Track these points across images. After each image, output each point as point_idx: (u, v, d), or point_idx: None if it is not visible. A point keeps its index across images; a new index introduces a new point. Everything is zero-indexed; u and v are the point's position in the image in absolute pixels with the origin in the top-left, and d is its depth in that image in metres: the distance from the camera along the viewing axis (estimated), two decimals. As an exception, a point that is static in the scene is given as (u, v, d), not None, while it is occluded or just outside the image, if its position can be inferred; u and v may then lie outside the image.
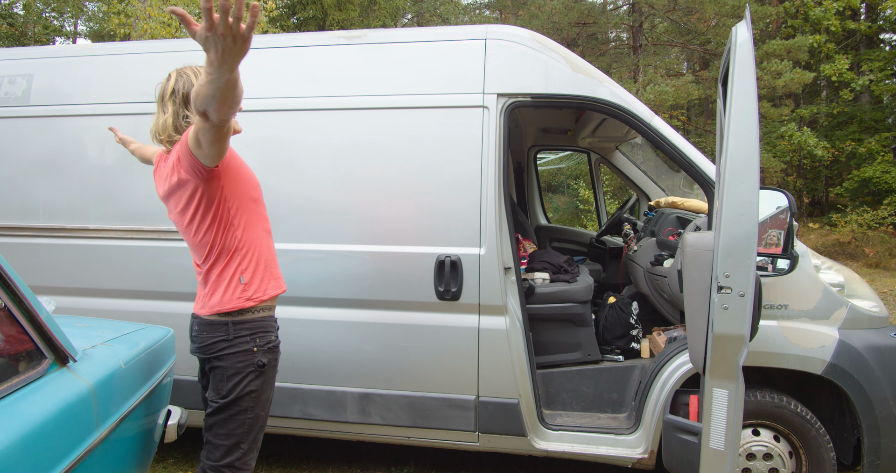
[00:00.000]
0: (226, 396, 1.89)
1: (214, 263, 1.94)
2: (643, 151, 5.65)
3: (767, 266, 2.50)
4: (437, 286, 2.78)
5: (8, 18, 22.04)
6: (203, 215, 1.88)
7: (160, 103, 1.96)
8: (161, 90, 1.96)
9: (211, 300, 1.94)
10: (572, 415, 3.05)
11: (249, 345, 1.92)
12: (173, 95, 1.93)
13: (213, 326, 1.92)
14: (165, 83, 1.97)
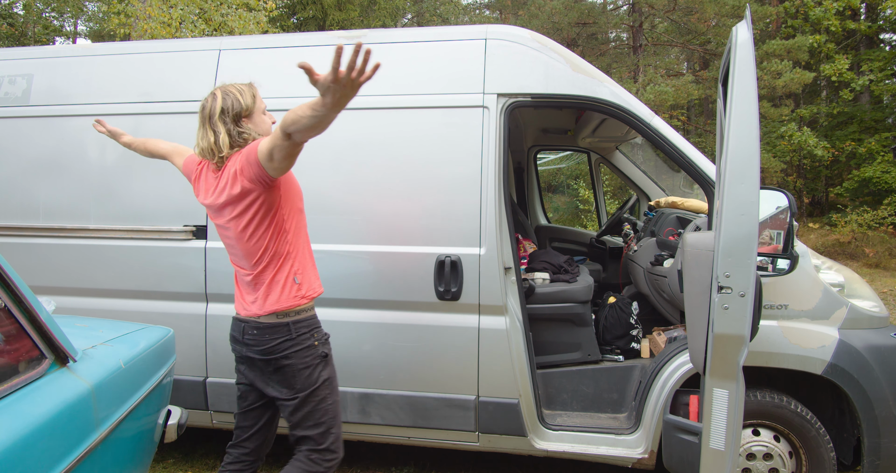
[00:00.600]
0: (302, 390, 2.03)
1: (267, 266, 2.04)
2: (643, 151, 5.66)
3: (767, 266, 2.50)
4: (438, 286, 2.78)
5: (8, 18, 22.04)
6: (260, 222, 1.99)
7: (208, 122, 2.04)
8: (209, 109, 2.05)
9: (267, 300, 2.04)
10: (572, 415, 3.05)
11: (311, 341, 2.07)
12: (223, 114, 2.03)
13: (274, 328, 2.03)
14: (212, 102, 2.05)
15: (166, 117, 3.10)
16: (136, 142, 2.54)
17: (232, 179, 1.97)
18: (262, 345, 2.03)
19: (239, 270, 2.13)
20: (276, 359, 2.03)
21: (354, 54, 1.49)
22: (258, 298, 2.05)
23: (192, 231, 3.02)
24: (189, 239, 3.02)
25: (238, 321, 2.13)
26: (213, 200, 2.06)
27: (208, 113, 2.04)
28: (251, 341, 2.05)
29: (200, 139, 2.06)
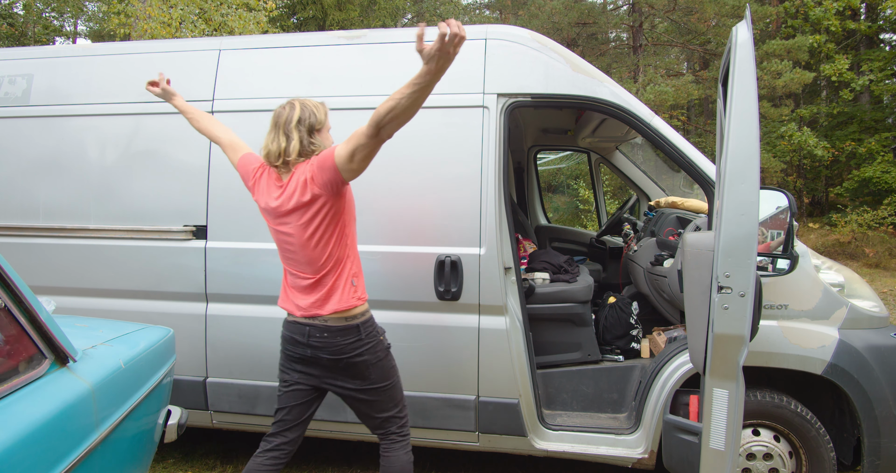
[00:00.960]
0: (378, 380, 2.24)
1: (330, 270, 2.16)
2: (643, 151, 5.66)
3: (767, 266, 2.50)
4: (438, 286, 2.78)
5: (8, 18, 22.03)
6: (326, 228, 2.12)
7: (282, 128, 2.15)
8: (285, 117, 2.16)
9: (329, 303, 2.16)
10: (572, 415, 3.05)
11: (378, 337, 2.25)
12: (300, 123, 2.14)
13: (345, 330, 2.16)
14: (289, 111, 2.17)
15: (166, 117, 3.10)
16: (193, 112, 2.55)
17: (302, 186, 2.08)
18: (334, 347, 2.15)
19: (295, 274, 2.20)
20: (348, 357, 2.16)
21: (452, 26, 1.76)
22: (318, 299, 2.16)
23: (192, 231, 3.02)
24: (189, 239, 3.02)
25: (298, 324, 2.20)
26: (279, 205, 2.14)
27: (284, 120, 2.15)
28: (319, 343, 2.15)
29: (270, 142, 2.16)
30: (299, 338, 2.19)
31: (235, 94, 3.06)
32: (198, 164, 3.04)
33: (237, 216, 2.99)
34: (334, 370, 2.20)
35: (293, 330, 2.21)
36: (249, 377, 3.02)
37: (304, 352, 2.20)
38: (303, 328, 2.18)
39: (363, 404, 2.27)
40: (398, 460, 2.27)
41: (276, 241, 2.24)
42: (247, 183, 2.31)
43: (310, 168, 2.08)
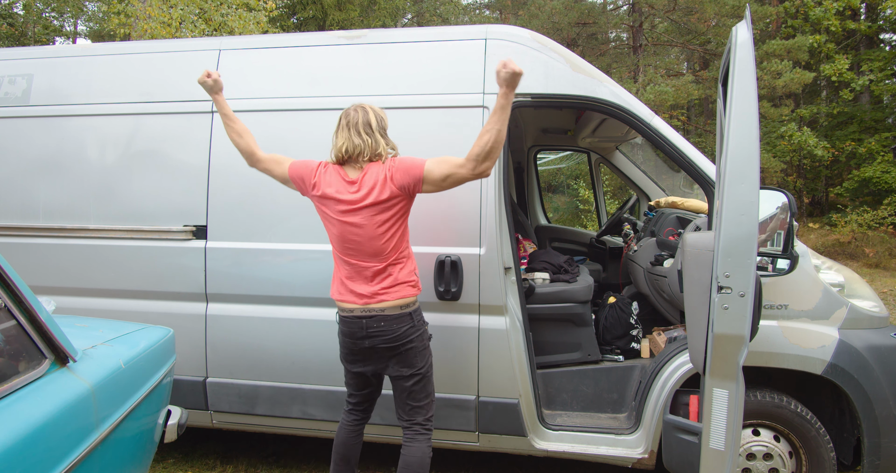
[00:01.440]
0: (422, 367, 2.40)
1: (394, 262, 2.33)
2: (643, 151, 5.65)
3: (767, 266, 2.50)
4: (437, 286, 2.78)
5: (8, 18, 22.03)
6: (396, 223, 2.31)
7: (359, 128, 2.30)
8: (359, 118, 2.32)
9: (393, 292, 2.32)
10: (572, 415, 3.05)
11: (424, 325, 2.44)
12: (377, 125, 2.34)
13: (400, 318, 2.33)
14: (362, 114, 2.33)
15: (166, 117, 3.10)
16: (234, 120, 2.56)
17: (381, 184, 2.26)
18: (391, 334, 2.31)
19: (357, 263, 2.32)
20: (402, 344, 2.33)
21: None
22: (384, 287, 2.31)
23: (191, 231, 3.02)
24: (189, 239, 3.02)
25: (355, 320, 2.33)
26: (355, 199, 2.27)
27: (359, 121, 2.31)
28: (377, 332, 2.31)
29: (347, 140, 2.30)
30: (357, 331, 2.33)
31: (235, 94, 3.06)
32: (198, 164, 3.04)
33: (237, 216, 2.99)
34: (385, 358, 2.37)
35: (352, 325, 2.34)
36: (249, 377, 3.02)
37: (361, 344, 2.34)
38: (360, 322, 2.32)
39: (405, 391, 2.41)
40: (419, 450, 2.40)
41: (339, 232, 2.32)
42: (306, 185, 2.39)
43: (392, 169, 2.28)
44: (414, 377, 2.39)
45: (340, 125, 2.34)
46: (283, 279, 2.95)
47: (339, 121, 2.35)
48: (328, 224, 2.38)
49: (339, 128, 2.34)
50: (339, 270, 2.40)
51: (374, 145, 2.30)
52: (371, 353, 2.36)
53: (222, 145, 3.02)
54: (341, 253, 2.36)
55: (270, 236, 2.96)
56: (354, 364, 2.43)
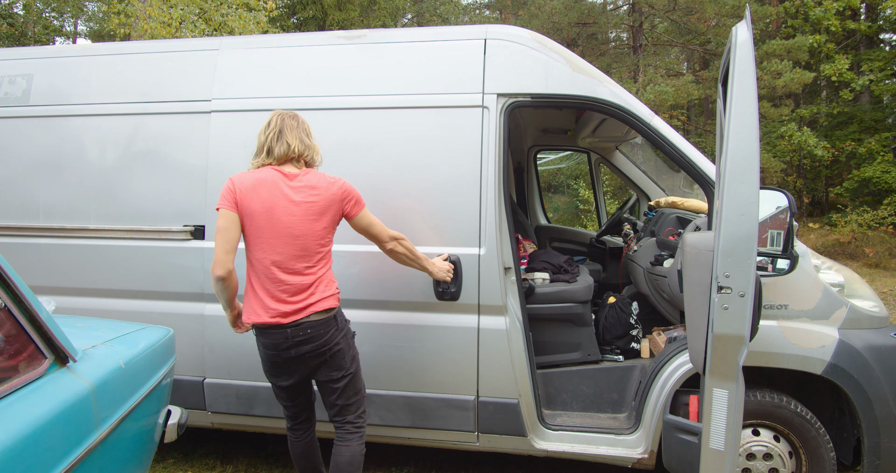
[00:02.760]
0: (350, 367, 2.41)
1: (322, 267, 2.35)
2: (643, 151, 5.65)
3: (767, 266, 2.50)
4: (437, 287, 2.78)
5: (8, 18, 22.03)
6: (331, 231, 2.39)
7: (305, 134, 2.39)
8: (303, 126, 2.42)
9: (321, 298, 2.32)
10: (572, 415, 3.04)
11: (347, 325, 2.45)
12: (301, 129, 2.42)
13: (326, 323, 2.32)
14: (305, 122, 2.44)
15: (166, 117, 3.10)
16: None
17: (327, 196, 2.33)
18: (318, 340, 2.30)
19: (286, 275, 2.27)
20: (328, 349, 2.32)
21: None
22: (308, 297, 2.29)
23: (190, 231, 3.02)
24: (188, 239, 3.02)
25: (278, 330, 2.27)
26: (298, 200, 2.30)
27: (303, 127, 2.40)
28: (303, 340, 2.28)
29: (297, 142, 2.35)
30: (281, 342, 2.28)
31: (234, 94, 3.06)
32: (196, 164, 3.04)
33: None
34: (314, 365, 2.35)
35: (276, 336, 2.29)
36: (247, 378, 3.01)
37: (287, 354, 2.30)
38: (283, 331, 2.27)
39: (334, 392, 2.41)
40: (349, 449, 2.41)
41: (269, 244, 2.30)
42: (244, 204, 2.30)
43: (337, 190, 2.35)
44: (344, 379, 2.40)
45: (287, 127, 2.34)
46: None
47: (278, 124, 2.35)
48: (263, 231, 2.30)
49: (285, 129, 2.34)
50: (256, 286, 2.36)
51: (314, 151, 2.40)
52: (298, 361, 2.33)
53: (220, 146, 3.02)
54: (271, 264, 2.30)
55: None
56: (285, 376, 2.39)
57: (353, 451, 2.41)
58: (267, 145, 2.33)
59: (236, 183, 2.27)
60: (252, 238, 2.28)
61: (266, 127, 2.37)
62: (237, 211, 2.24)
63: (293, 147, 2.32)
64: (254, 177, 2.28)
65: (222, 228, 2.22)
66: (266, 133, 2.35)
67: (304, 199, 2.30)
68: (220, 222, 2.23)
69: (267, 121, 2.38)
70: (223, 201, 2.25)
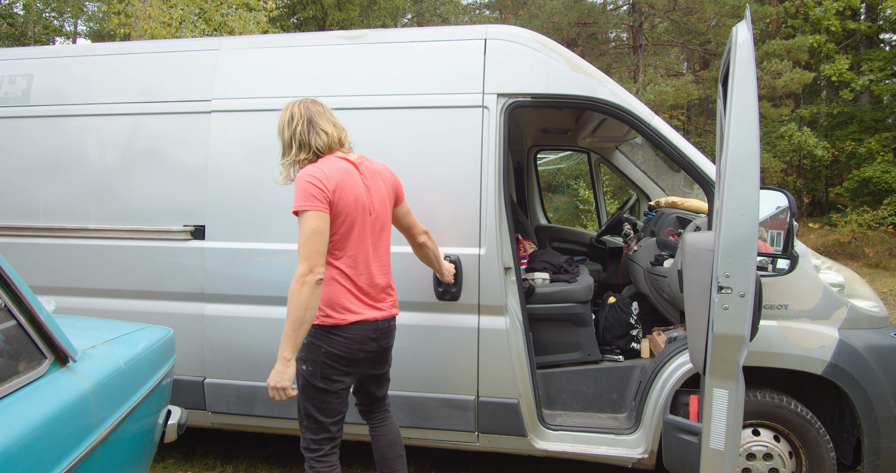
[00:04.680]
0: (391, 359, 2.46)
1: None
2: (643, 151, 5.65)
3: (767, 266, 2.50)
4: (437, 287, 2.78)
5: (8, 18, 22.03)
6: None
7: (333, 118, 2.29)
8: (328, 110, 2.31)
9: (395, 291, 2.39)
10: (572, 415, 3.04)
11: None
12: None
13: (394, 319, 2.39)
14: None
15: (166, 117, 3.10)
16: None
17: (389, 184, 2.33)
18: (393, 335, 2.40)
19: (377, 269, 2.27)
20: (390, 344, 2.39)
21: None
22: (391, 290, 2.36)
23: (190, 231, 3.02)
24: (188, 239, 3.02)
25: (371, 324, 2.23)
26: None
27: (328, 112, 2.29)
28: (389, 334, 2.35)
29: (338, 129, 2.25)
30: (375, 335, 2.25)
31: (234, 93, 3.06)
32: (196, 164, 3.04)
33: (235, 216, 2.99)
34: (381, 358, 2.38)
35: (370, 329, 2.23)
36: (247, 378, 3.01)
37: (376, 346, 2.27)
38: (376, 325, 2.25)
39: (384, 384, 2.48)
40: (394, 425, 2.51)
41: (361, 246, 2.25)
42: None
43: (392, 174, 2.38)
44: (388, 370, 2.49)
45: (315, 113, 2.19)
46: (281, 280, 2.94)
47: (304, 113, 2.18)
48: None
49: (315, 117, 2.18)
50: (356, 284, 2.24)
51: (345, 132, 2.28)
52: (379, 354, 2.33)
53: (220, 146, 3.02)
54: (364, 269, 2.23)
55: (268, 236, 2.96)
56: (355, 373, 2.27)
57: (396, 425, 2.51)
58: (299, 139, 2.15)
59: (324, 180, 2.06)
60: (344, 236, 2.14)
61: (289, 120, 2.18)
62: (329, 210, 2.07)
63: (331, 134, 2.17)
64: (334, 169, 2.11)
65: (320, 229, 2.03)
66: (293, 126, 2.17)
67: (378, 187, 2.23)
68: (316, 223, 2.03)
69: (287, 114, 2.21)
70: (315, 201, 2.03)
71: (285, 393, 2.05)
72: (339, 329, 2.16)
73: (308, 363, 2.19)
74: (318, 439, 2.21)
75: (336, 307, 2.16)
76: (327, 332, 2.16)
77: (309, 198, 2.04)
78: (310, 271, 2.01)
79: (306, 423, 2.23)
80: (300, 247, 2.03)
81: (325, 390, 2.18)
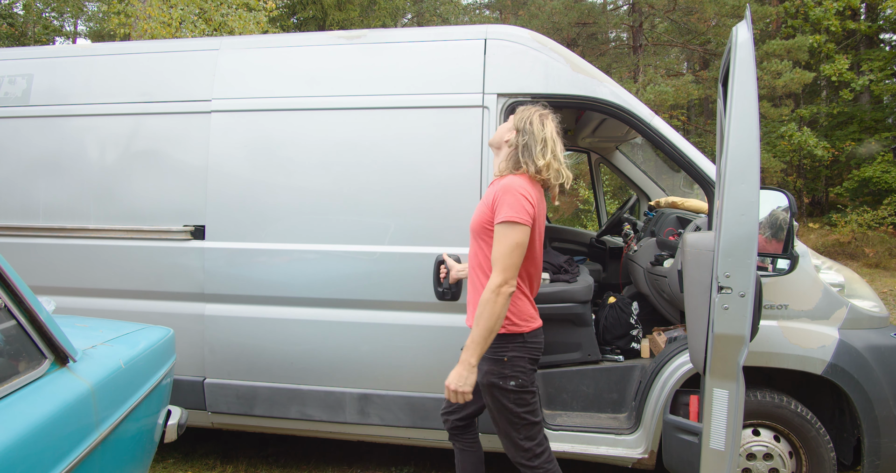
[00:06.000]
0: None
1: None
2: (643, 151, 5.65)
3: (767, 266, 2.50)
4: (437, 287, 2.77)
5: (8, 18, 22.03)
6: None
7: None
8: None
9: None
10: (572, 415, 3.04)
11: None
12: None
13: None
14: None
15: (166, 117, 3.10)
16: None
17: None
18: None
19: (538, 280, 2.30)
20: None
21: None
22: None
23: (190, 231, 3.02)
24: (188, 239, 3.02)
25: (540, 331, 2.24)
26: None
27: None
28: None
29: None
30: (543, 341, 2.26)
31: (234, 94, 3.06)
32: (196, 164, 3.04)
33: (235, 216, 2.99)
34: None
35: (541, 337, 2.24)
36: (247, 378, 3.01)
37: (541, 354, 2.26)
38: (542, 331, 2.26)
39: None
40: (481, 448, 2.52)
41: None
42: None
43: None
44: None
45: (553, 139, 2.15)
46: (281, 280, 2.95)
47: (545, 131, 2.14)
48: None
49: (552, 141, 2.14)
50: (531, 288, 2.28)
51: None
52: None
53: (220, 146, 3.02)
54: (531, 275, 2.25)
55: (268, 236, 2.96)
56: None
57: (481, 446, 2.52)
58: (550, 156, 2.16)
59: (530, 198, 2.07)
60: (532, 249, 2.16)
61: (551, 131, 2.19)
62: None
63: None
64: (534, 186, 2.13)
65: (523, 243, 2.04)
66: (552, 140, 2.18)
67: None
68: (521, 238, 2.02)
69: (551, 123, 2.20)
70: (527, 215, 2.03)
71: (464, 397, 2.06)
72: (526, 336, 2.21)
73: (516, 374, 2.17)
74: (541, 438, 2.21)
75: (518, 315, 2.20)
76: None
77: (523, 212, 2.02)
78: (506, 283, 2.01)
79: (525, 433, 2.18)
80: (501, 259, 2.01)
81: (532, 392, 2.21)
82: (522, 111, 2.19)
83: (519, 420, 2.16)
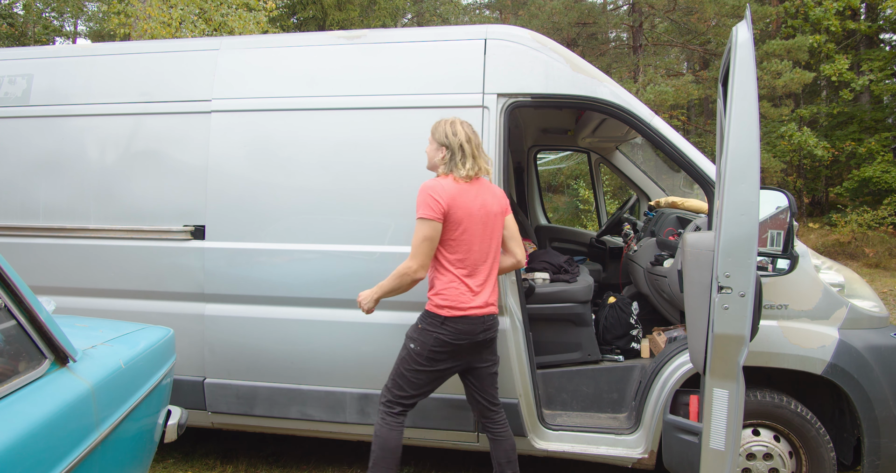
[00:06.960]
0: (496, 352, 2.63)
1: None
2: (643, 151, 5.65)
3: (767, 266, 2.50)
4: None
5: (8, 18, 22.03)
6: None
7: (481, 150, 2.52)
8: (476, 140, 2.50)
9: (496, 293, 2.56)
10: (572, 415, 3.04)
11: None
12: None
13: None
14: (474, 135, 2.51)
15: (166, 117, 3.10)
16: None
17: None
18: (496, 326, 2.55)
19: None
20: (491, 338, 2.53)
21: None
22: (492, 293, 2.51)
23: (190, 231, 3.02)
24: (188, 239, 3.02)
25: (475, 318, 2.43)
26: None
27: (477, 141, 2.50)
28: (492, 326, 2.50)
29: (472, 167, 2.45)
30: (477, 328, 2.44)
31: (234, 94, 3.06)
32: (197, 164, 3.04)
33: (234, 216, 2.99)
34: (483, 350, 2.52)
35: (474, 322, 2.43)
36: (247, 378, 3.01)
37: (477, 338, 2.45)
38: (480, 319, 2.44)
39: (492, 378, 2.58)
40: (510, 433, 2.63)
41: (463, 241, 2.45)
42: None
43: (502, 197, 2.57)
44: (496, 364, 2.60)
45: (474, 145, 2.44)
46: (281, 280, 2.95)
47: (461, 138, 2.42)
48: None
49: (474, 147, 2.44)
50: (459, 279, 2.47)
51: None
52: (480, 345, 2.48)
53: (220, 146, 3.02)
54: (468, 261, 2.46)
55: (268, 236, 2.96)
56: (451, 361, 2.47)
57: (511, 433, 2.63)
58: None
59: (438, 197, 2.41)
60: (468, 238, 2.49)
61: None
62: None
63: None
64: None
65: (431, 236, 2.42)
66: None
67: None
68: (428, 232, 2.40)
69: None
70: (432, 212, 2.39)
71: (361, 307, 2.57)
72: (448, 320, 2.49)
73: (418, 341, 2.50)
74: (401, 398, 2.52)
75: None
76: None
77: (427, 209, 2.40)
78: (416, 268, 2.48)
79: (396, 381, 2.52)
80: (413, 248, 2.44)
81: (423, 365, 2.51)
82: (436, 127, 2.48)
83: (399, 370, 2.50)
